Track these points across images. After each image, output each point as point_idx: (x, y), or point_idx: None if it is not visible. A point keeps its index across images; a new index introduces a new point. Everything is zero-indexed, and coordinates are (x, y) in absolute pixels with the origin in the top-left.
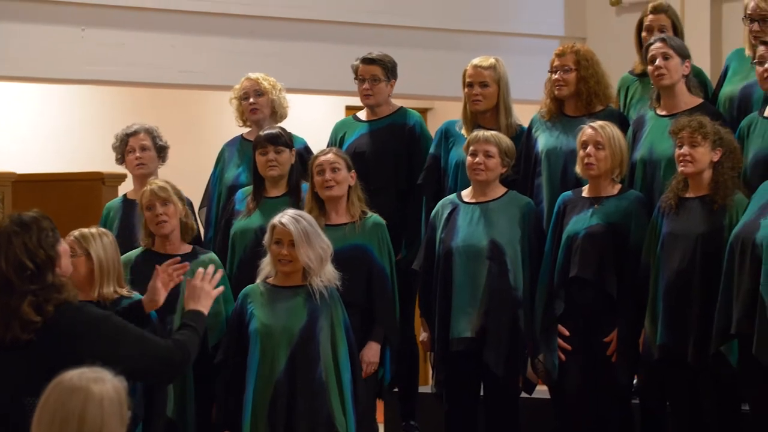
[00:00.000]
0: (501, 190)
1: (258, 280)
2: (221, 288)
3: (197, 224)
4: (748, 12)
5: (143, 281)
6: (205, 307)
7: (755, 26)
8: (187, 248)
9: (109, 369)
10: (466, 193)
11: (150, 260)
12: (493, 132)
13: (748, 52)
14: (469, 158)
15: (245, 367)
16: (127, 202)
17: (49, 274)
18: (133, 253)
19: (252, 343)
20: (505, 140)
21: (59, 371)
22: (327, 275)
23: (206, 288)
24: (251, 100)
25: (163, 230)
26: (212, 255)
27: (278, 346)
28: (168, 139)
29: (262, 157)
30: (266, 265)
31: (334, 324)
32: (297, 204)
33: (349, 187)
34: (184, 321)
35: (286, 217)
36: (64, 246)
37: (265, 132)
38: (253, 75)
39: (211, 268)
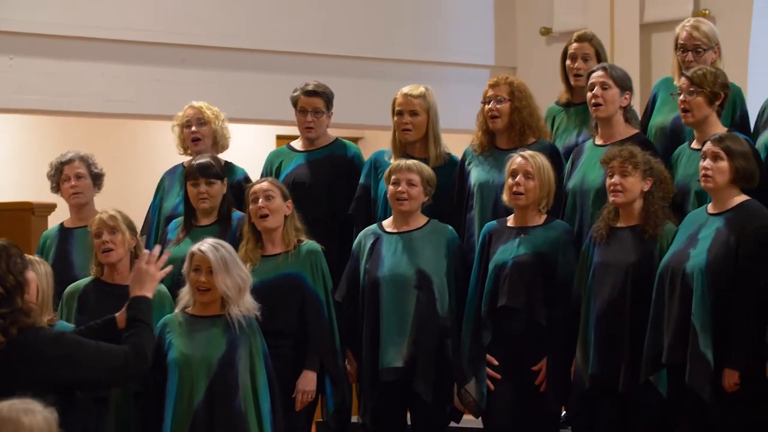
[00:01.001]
0: (423, 219)
1: (176, 310)
2: (169, 268)
3: None
4: (681, 41)
5: (90, 310)
6: (149, 291)
7: (689, 56)
8: None
9: (72, 383)
10: (388, 223)
11: (98, 290)
12: (414, 161)
13: (677, 82)
14: (391, 187)
15: (164, 396)
16: (64, 231)
17: (18, 299)
18: (82, 282)
19: (170, 373)
20: (427, 169)
21: (19, 391)
22: (245, 305)
23: (151, 271)
24: (194, 128)
25: (108, 258)
26: (161, 288)
27: (197, 375)
28: (103, 167)
29: (194, 189)
30: (184, 295)
31: (252, 353)
32: (226, 233)
33: (286, 216)
34: (131, 314)
35: (205, 245)
36: (31, 273)
37: (197, 162)
38: (196, 103)
39: (156, 249)
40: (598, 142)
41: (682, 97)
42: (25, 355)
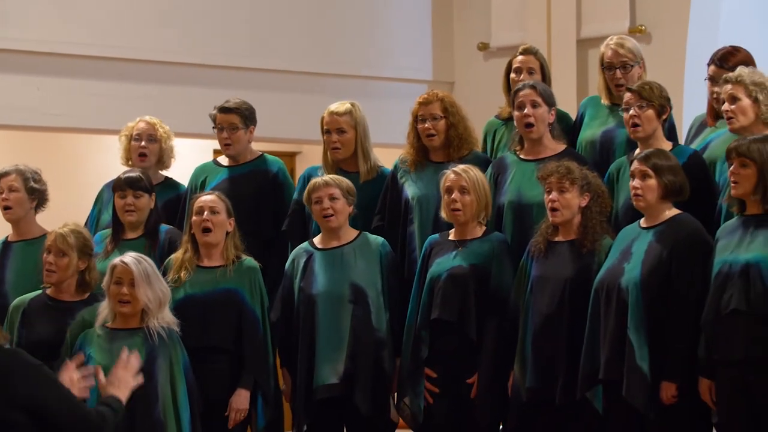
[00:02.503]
0: (353, 233)
1: (96, 325)
2: (140, 379)
3: None
4: (607, 60)
5: (33, 324)
6: (123, 395)
7: (617, 73)
8: (84, 295)
9: (36, 415)
10: (319, 240)
11: (43, 304)
12: (330, 176)
13: (604, 101)
14: (315, 207)
15: None
16: (6, 245)
17: None
18: (29, 296)
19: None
20: (344, 180)
21: None
22: (165, 318)
23: (126, 378)
24: (143, 143)
25: (49, 279)
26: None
27: None
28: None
29: (121, 201)
30: (104, 309)
31: (173, 363)
32: (154, 247)
33: (227, 233)
34: (104, 401)
35: (127, 257)
36: None
37: (126, 175)
38: (150, 119)
39: (124, 353)
40: (525, 156)
41: (632, 111)
42: (2, 376)
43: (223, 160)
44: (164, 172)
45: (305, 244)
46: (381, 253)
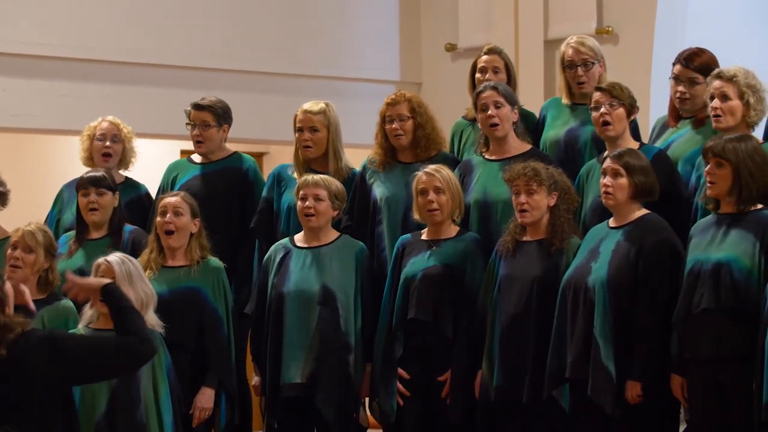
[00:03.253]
0: (333, 234)
1: (80, 325)
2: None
3: None
4: (568, 59)
5: None
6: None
7: (578, 71)
8: (43, 294)
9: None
10: (299, 238)
11: None
12: (322, 176)
13: (565, 101)
14: (299, 203)
15: None
16: None
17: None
18: None
19: None
20: (335, 183)
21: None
22: (149, 320)
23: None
24: (107, 143)
25: (12, 274)
26: (67, 302)
27: (99, 387)
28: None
29: (84, 199)
30: (88, 309)
31: (155, 365)
32: (117, 247)
33: (192, 234)
34: (112, 304)
35: (112, 256)
36: (8, 286)
37: (89, 174)
38: (113, 119)
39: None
40: (490, 157)
41: (602, 109)
42: (21, 364)
43: (196, 157)
44: (125, 173)
45: (285, 240)
46: (358, 258)
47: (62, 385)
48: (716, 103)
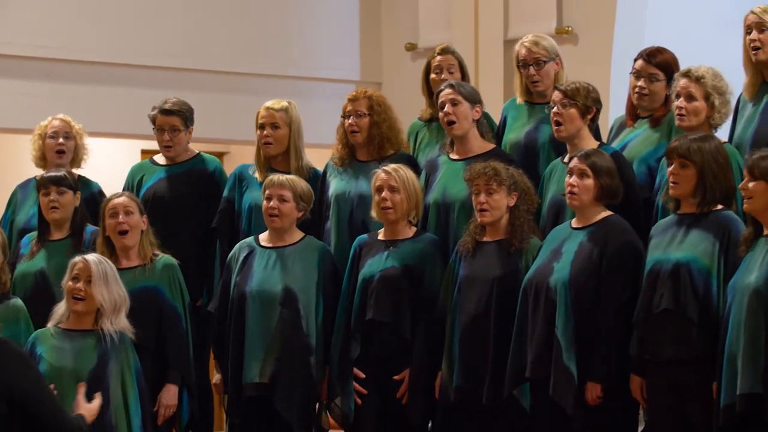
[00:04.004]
0: (298, 234)
1: (49, 324)
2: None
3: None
4: (521, 58)
5: None
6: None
7: (531, 70)
8: None
9: (18, 407)
10: (264, 237)
11: None
12: (289, 176)
13: (520, 100)
14: (264, 203)
15: None
16: None
17: None
18: None
19: None
20: (301, 184)
21: None
22: (120, 323)
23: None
24: (60, 140)
25: None
26: (17, 301)
27: (67, 388)
28: None
29: (45, 198)
30: (59, 309)
31: (124, 368)
32: (79, 247)
33: (142, 231)
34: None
35: (90, 255)
36: None
37: (50, 173)
38: (63, 116)
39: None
40: (454, 156)
41: (555, 109)
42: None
43: (160, 159)
44: (78, 171)
45: (250, 239)
46: (321, 258)
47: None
48: (681, 102)
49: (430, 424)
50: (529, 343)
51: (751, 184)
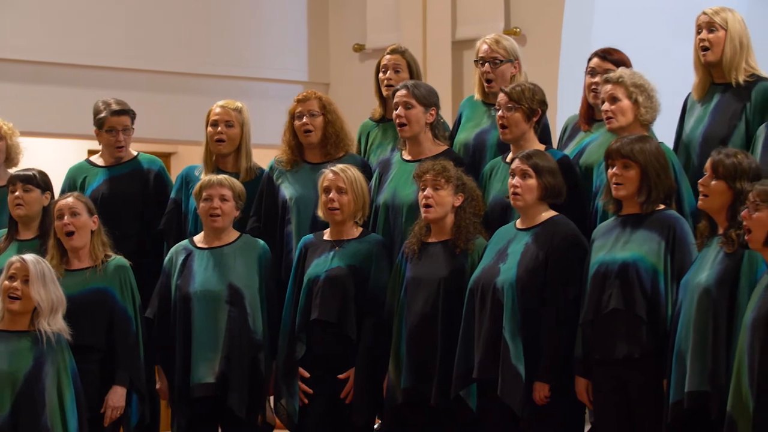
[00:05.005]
0: (234, 234)
1: None
2: None
3: None
4: (480, 55)
5: None
6: None
7: (486, 67)
8: None
9: None
10: (199, 239)
11: None
12: (225, 176)
13: (477, 97)
14: (202, 204)
15: None
16: None
17: None
18: None
19: None
20: (238, 183)
21: None
22: (57, 324)
23: None
24: None
25: None
26: None
27: (2, 390)
28: None
29: (11, 195)
30: None
31: (60, 370)
32: (46, 248)
33: (92, 231)
34: None
35: (28, 255)
36: None
37: (19, 172)
38: None
39: None
40: (407, 157)
41: (500, 113)
42: None
43: (98, 160)
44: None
45: (185, 242)
46: (261, 256)
47: None
48: (606, 106)
49: (376, 425)
50: (476, 344)
51: (712, 182)
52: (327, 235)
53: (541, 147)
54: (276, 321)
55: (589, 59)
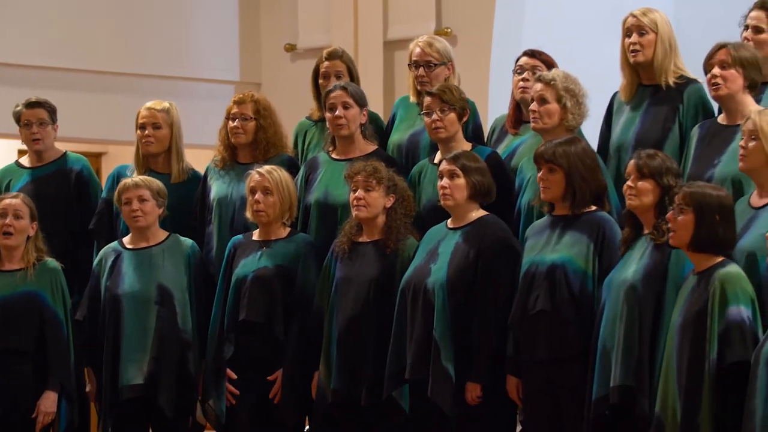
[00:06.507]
0: (162, 234)
1: None
2: None
3: None
4: (414, 58)
5: None
6: None
7: (420, 71)
8: None
9: None
10: (128, 240)
11: None
12: (141, 177)
13: (412, 99)
14: (124, 208)
15: None
16: None
17: None
18: None
19: None
20: (155, 182)
21: None
22: None
23: None
24: None
25: None
26: None
27: None
28: None
29: None
30: None
31: None
32: None
33: (29, 236)
34: None
35: None
36: None
37: None
38: None
39: None
40: (336, 156)
41: (434, 116)
42: None
43: (25, 161)
44: None
45: (114, 244)
46: (189, 255)
47: None
48: (534, 105)
49: (307, 426)
50: (407, 345)
51: (639, 183)
52: (255, 235)
53: (468, 145)
54: (205, 321)
55: (518, 59)
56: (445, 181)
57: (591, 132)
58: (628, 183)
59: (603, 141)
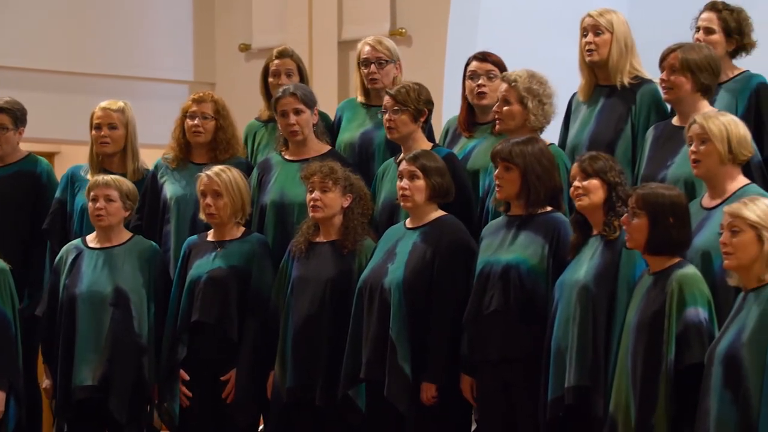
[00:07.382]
0: (126, 235)
1: None
2: None
3: None
4: (364, 56)
5: None
6: None
7: (372, 68)
8: None
9: None
10: (91, 239)
11: None
12: (113, 176)
13: (360, 99)
14: (90, 204)
15: None
16: None
17: None
18: None
19: None
20: (126, 183)
21: None
22: None
23: None
24: None
25: None
26: None
27: None
28: None
29: None
30: None
31: None
32: None
33: None
34: None
35: None
36: None
37: None
38: None
39: None
40: (289, 157)
41: (387, 116)
42: None
43: None
44: None
45: (77, 241)
46: (150, 258)
47: None
48: (497, 106)
49: (261, 426)
50: (363, 344)
51: (585, 182)
52: (210, 236)
53: (429, 145)
54: (164, 324)
55: (467, 64)
56: (405, 182)
57: (553, 133)
58: (575, 184)
59: (561, 141)
